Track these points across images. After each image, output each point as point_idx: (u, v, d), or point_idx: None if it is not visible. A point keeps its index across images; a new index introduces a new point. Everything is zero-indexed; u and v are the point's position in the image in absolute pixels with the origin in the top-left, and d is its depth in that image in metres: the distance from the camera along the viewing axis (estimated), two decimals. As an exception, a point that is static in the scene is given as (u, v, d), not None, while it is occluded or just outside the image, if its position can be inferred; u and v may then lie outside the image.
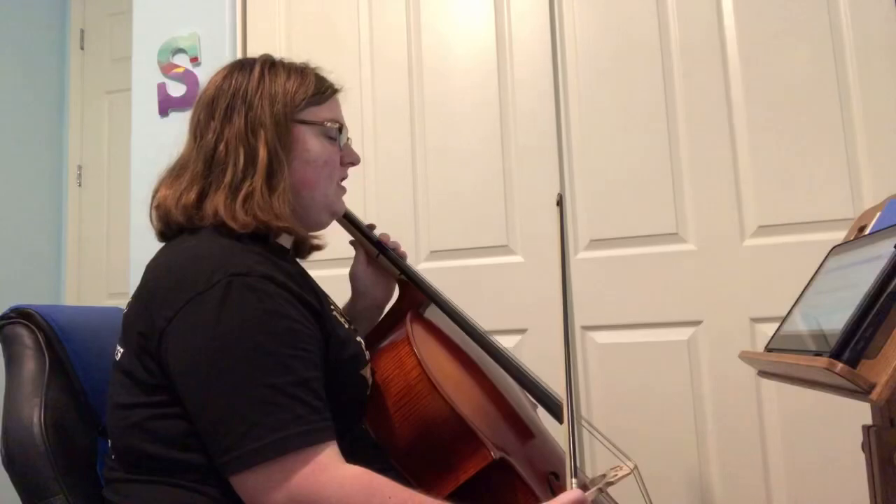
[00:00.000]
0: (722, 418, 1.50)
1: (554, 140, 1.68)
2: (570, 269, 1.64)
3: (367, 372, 0.92)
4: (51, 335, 0.95)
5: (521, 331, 1.64)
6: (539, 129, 1.69)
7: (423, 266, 1.72)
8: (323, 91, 0.96)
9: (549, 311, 1.64)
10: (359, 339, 0.94)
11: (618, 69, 1.65)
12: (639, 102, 1.62)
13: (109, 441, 0.87)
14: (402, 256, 1.13)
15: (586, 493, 0.88)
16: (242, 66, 0.96)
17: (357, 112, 1.84)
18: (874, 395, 0.61)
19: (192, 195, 0.87)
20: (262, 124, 0.88)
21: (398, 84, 1.81)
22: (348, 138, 1.00)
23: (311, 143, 0.92)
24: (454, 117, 1.76)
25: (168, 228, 0.90)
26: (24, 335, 0.95)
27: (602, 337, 1.61)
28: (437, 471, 0.86)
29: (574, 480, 0.80)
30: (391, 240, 1.14)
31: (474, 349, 1.08)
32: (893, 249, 0.68)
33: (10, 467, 0.86)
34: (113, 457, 0.86)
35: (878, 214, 0.92)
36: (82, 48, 2.92)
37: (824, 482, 1.42)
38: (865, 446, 0.75)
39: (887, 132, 1.46)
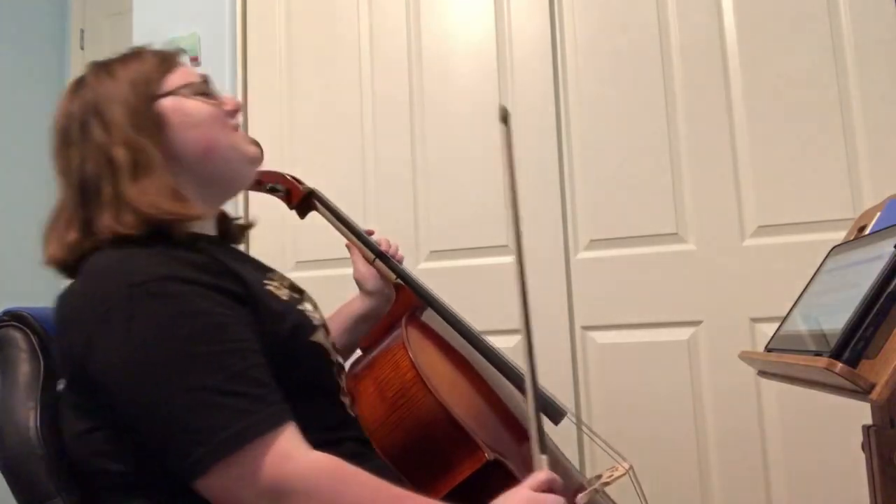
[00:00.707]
0: (722, 418, 1.50)
1: (554, 140, 1.68)
2: (571, 269, 1.64)
3: (319, 337, 0.88)
4: (45, 338, 0.94)
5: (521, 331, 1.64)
6: (539, 128, 1.69)
7: (423, 266, 1.72)
8: (167, 59, 0.92)
9: (548, 311, 1.64)
10: (302, 307, 0.90)
11: (618, 69, 1.65)
12: (639, 102, 1.62)
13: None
14: (399, 260, 1.13)
15: (582, 494, 0.88)
16: (77, 84, 0.90)
17: (357, 111, 1.84)
18: (874, 395, 0.61)
19: (74, 232, 0.83)
20: (118, 123, 0.84)
21: (398, 84, 1.81)
22: (211, 85, 0.96)
23: (187, 106, 0.88)
24: (454, 117, 1.75)
25: (71, 272, 0.85)
26: (18, 338, 0.94)
27: (602, 337, 1.61)
28: (433, 472, 0.86)
29: (544, 458, 0.79)
30: (390, 245, 1.14)
31: (470, 352, 1.08)
32: (893, 249, 0.68)
33: (7, 472, 0.86)
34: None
35: (878, 214, 0.92)
36: (82, 48, 2.92)
37: (824, 482, 1.41)
38: (865, 446, 0.75)
39: (887, 132, 1.45)
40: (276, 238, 1.88)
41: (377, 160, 1.81)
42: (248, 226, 1.05)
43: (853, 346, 0.65)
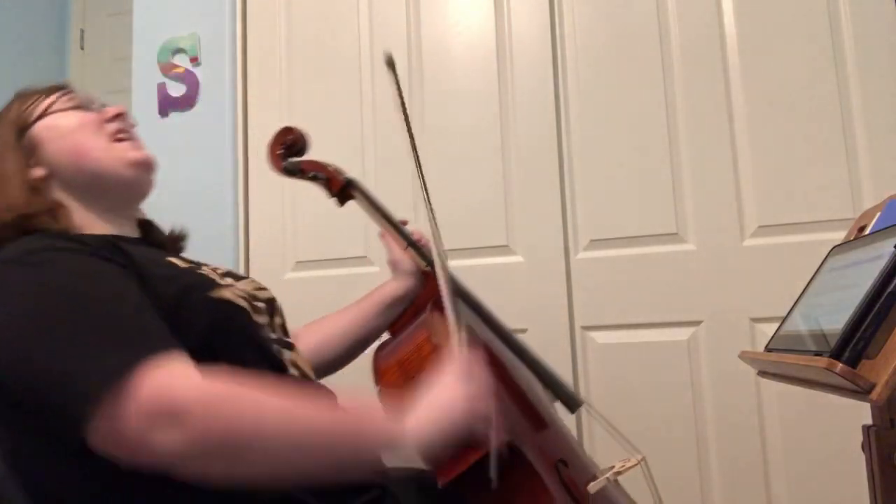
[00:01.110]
0: (722, 418, 1.50)
1: (554, 140, 1.68)
2: (571, 269, 1.64)
3: (220, 293, 0.84)
4: None
5: (522, 331, 1.64)
6: (539, 129, 1.69)
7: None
8: (39, 91, 0.94)
9: (549, 311, 1.64)
10: (202, 271, 0.88)
11: (618, 69, 1.65)
12: (639, 102, 1.62)
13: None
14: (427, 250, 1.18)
15: (594, 483, 0.89)
16: None
17: (357, 113, 1.84)
18: (874, 395, 0.61)
19: None
20: None
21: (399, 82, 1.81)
22: (102, 105, 0.97)
23: (56, 124, 0.90)
24: (454, 117, 1.75)
25: None
26: None
27: (602, 337, 1.61)
28: (449, 450, 0.86)
29: (457, 331, 0.84)
30: (422, 235, 1.20)
31: (492, 339, 1.10)
32: (893, 249, 0.68)
33: None
34: None
35: (878, 214, 0.92)
36: (82, 48, 2.93)
37: (824, 482, 1.41)
38: (865, 446, 0.75)
39: (887, 132, 1.45)
40: (275, 238, 1.88)
41: (377, 160, 1.81)
42: (179, 237, 1.04)
43: (853, 346, 0.65)
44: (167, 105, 1.96)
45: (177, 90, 1.96)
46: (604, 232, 1.62)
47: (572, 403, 1.14)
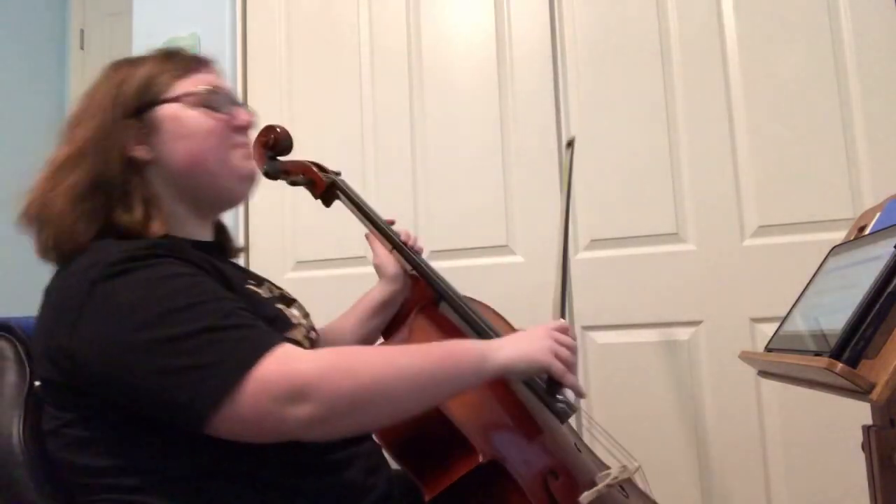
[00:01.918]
0: (722, 418, 1.50)
1: (554, 140, 1.68)
2: (571, 269, 1.64)
3: (294, 334, 0.88)
4: (31, 347, 0.94)
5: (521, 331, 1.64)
6: (539, 128, 1.69)
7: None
8: (180, 64, 0.90)
9: (548, 311, 1.63)
10: (281, 306, 0.91)
11: (618, 69, 1.65)
12: (639, 102, 1.62)
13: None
14: (418, 251, 1.16)
15: (588, 493, 0.89)
16: (88, 89, 0.92)
17: (357, 112, 1.84)
18: (874, 395, 0.61)
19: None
20: (100, 126, 0.85)
21: (398, 83, 1.81)
22: (239, 104, 0.95)
23: (182, 117, 0.87)
24: (454, 117, 1.75)
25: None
26: (4, 348, 0.93)
27: (602, 337, 1.61)
28: (431, 469, 0.87)
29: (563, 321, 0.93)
30: (409, 236, 1.17)
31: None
32: (893, 249, 0.68)
33: None
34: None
35: (878, 214, 0.92)
36: (82, 48, 2.93)
37: (824, 482, 1.41)
38: (865, 446, 0.75)
39: (887, 132, 1.45)
40: (276, 238, 1.88)
41: (377, 160, 1.81)
42: (240, 249, 1.07)
43: (853, 346, 0.65)
44: (167, 105, 1.95)
45: (177, 90, 1.95)
46: (604, 232, 1.62)
47: (562, 416, 1.09)
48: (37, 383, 0.85)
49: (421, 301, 1.10)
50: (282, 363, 0.70)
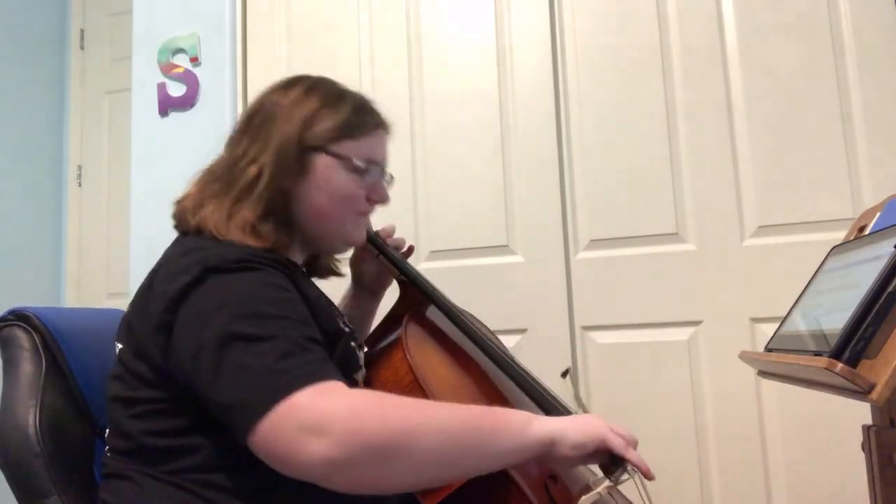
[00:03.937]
0: (722, 418, 1.50)
1: (554, 140, 1.68)
2: (571, 269, 1.64)
3: (356, 376, 0.91)
4: (48, 338, 0.95)
5: (521, 331, 1.64)
6: (539, 128, 1.69)
7: (422, 266, 1.72)
8: (359, 126, 0.94)
9: (549, 311, 1.64)
10: (353, 344, 0.93)
11: (618, 69, 1.65)
12: (639, 102, 1.62)
13: (106, 435, 0.87)
14: (409, 251, 1.14)
15: (586, 496, 0.88)
16: (289, 84, 0.96)
17: (357, 112, 1.84)
18: (874, 395, 0.61)
19: (205, 203, 0.89)
20: (278, 149, 0.89)
21: (398, 84, 1.81)
22: (390, 176, 1.00)
23: (334, 176, 0.92)
24: (454, 117, 1.75)
25: (178, 224, 0.92)
26: (21, 337, 0.95)
27: (602, 337, 1.61)
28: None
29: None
30: (396, 236, 1.14)
31: (474, 349, 1.08)
32: (893, 249, 0.68)
33: (6, 468, 0.87)
34: (108, 453, 0.86)
35: (878, 214, 0.92)
36: (82, 48, 2.92)
37: (824, 482, 1.41)
38: (865, 446, 0.75)
39: (887, 132, 1.45)
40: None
41: (377, 160, 1.81)
42: (336, 271, 1.10)
43: (853, 346, 0.65)
44: (167, 105, 1.96)
45: (177, 90, 1.96)
46: (604, 232, 1.62)
47: (559, 414, 1.05)
48: (118, 347, 0.87)
49: (410, 307, 1.09)
50: (319, 393, 0.69)
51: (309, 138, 0.90)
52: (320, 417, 0.67)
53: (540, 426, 0.78)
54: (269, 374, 0.70)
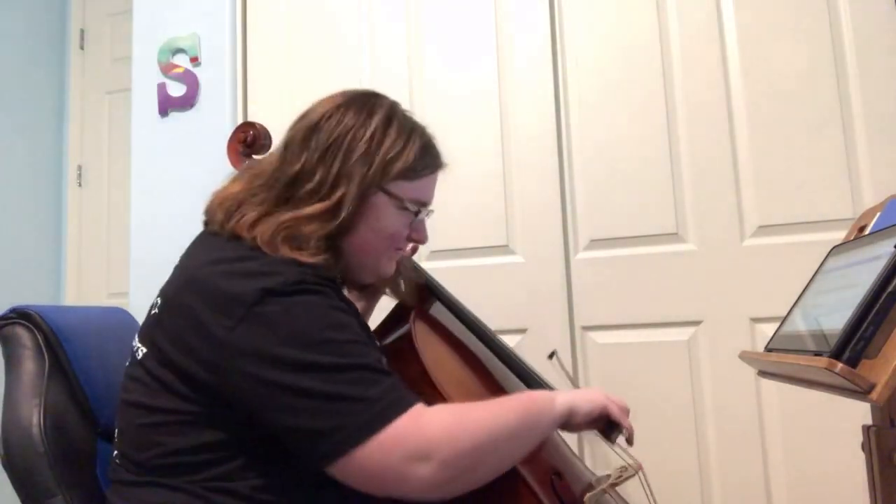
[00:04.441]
0: (722, 418, 1.50)
1: (554, 140, 1.68)
2: (571, 269, 1.64)
3: None
4: (50, 336, 0.95)
5: (521, 331, 1.64)
6: (539, 128, 1.69)
7: (422, 266, 1.72)
8: (420, 169, 0.95)
9: (549, 311, 1.63)
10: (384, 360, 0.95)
11: (618, 68, 1.65)
12: (639, 102, 1.62)
13: (116, 439, 0.86)
14: (413, 250, 1.17)
15: (590, 494, 0.89)
16: (362, 106, 0.94)
17: (357, 112, 1.84)
18: (874, 395, 0.61)
19: (248, 207, 0.88)
20: (350, 181, 0.88)
21: (398, 83, 1.81)
22: (429, 212, 1.01)
23: (385, 214, 0.92)
24: (454, 117, 1.75)
25: (212, 220, 0.90)
26: (23, 336, 0.95)
27: (602, 337, 1.61)
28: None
29: None
30: None
31: (478, 345, 1.09)
32: (893, 249, 0.68)
33: (9, 468, 0.87)
34: (118, 458, 0.85)
35: (878, 214, 0.92)
36: (82, 48, 2.92)
37: (824, 482, 1.41)
38: (865, 446, 0.75)
39: (887, 132, 1.45)
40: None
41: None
42: (365, 285, 1.09)
43: (853, 346, 0.65)
44: (167, 105, 1.96)
45: (177, 90, 1.96)
46: (604, 232, 1.62)
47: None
48: (142, 351, 0.84)
49: (417, 303, 1.10)
50: (412, 420, 0.74)
51: (379, 179, 0.90)
52: (422, 444, 0.73)
53: (562, 400, 0.90)
54: (364, 402, 0.73)
